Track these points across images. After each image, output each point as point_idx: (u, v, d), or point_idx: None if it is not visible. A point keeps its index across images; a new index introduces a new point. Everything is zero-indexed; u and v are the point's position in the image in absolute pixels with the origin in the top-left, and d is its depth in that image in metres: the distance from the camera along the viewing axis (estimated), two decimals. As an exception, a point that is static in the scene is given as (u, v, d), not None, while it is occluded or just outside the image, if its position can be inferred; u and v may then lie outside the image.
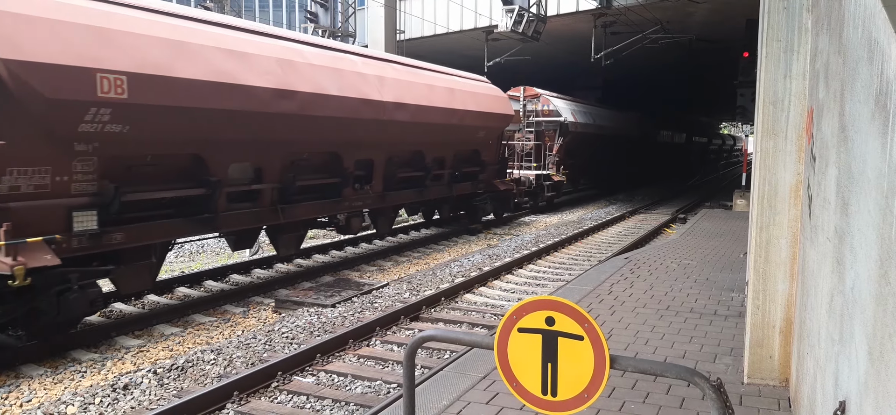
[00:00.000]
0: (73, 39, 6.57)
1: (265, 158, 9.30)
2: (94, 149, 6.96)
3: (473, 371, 5.07)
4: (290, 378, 6.18)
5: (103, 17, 7.01)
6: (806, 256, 3.69)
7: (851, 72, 2.37)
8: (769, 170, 4.43)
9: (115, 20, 7.11)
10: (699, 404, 4.40)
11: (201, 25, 8.34)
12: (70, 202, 6.81)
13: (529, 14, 17.39)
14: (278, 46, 9.46)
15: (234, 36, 8.77)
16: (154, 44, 7.42)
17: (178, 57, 7.62)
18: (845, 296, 2.28)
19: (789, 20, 4.29)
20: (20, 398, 5.86)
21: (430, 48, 24.37)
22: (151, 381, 6.08)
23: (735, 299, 7.31)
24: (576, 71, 29.31)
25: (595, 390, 2.40)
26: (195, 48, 7.92)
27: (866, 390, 1.87)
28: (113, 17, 7.12)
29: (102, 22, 6.95)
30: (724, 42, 22.11)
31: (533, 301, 2.48)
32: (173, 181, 8.19)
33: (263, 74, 8.80)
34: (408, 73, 12.65)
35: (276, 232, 10.29)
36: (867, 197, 1.98)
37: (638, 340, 5.86)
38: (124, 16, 7.28)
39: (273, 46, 9.32)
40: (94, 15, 6.92)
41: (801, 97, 4.29)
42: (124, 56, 7.00)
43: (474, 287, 9.88)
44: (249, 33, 9.16)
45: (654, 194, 27.56)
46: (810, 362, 3.21)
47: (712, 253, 10.43)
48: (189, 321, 8.26)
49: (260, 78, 8.72)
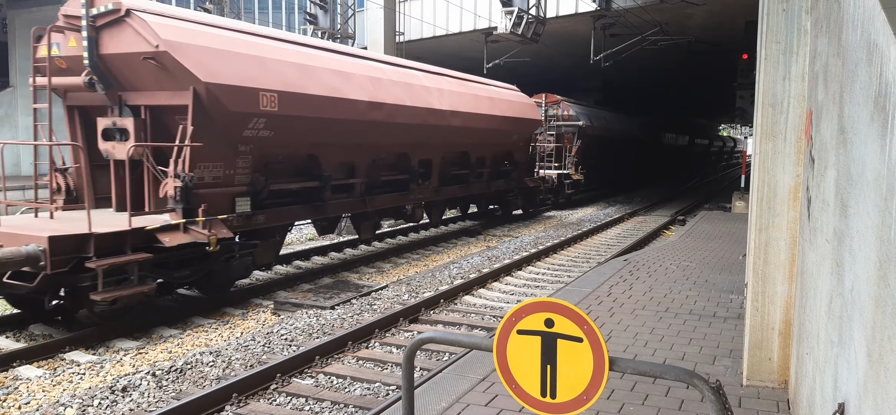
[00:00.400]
0: (245, 66, 8.79)
1: (357, 157, 11.53)
2: (249, 149, 9.11)
3: (472, 373, 5.07)
4: (289, 380, 6.17)
5: (261, 48, 9.31)
6: (805, 258, 3.69)
7: (850, 74, 2.37)
8: (768, 172, 4.43)
9: (267, 50, 9.36)
10: (698, 406, 4.39)
11: (317, 51, 10.63)
12: (234, 190, 8.95)
13: (529, 16, 17.40)
14: (368, 66, 11.69)
15: (339, 59, 11.01)
16: (291, 67, 9.62)
17: (306, 77, 9.81)
18: (844, 298, 2.28)
19: (788, 22, 4.29)
20: (18, 400, 5.85)
21: (430, 50, 24.37)
22: (150, 383, 6.07)
23: (734, 301, 7.31)
24: (575, 72, 29.33)
25: (594, 391, 2.40)
26: (316, 70, 10.12)
27: (865, 392, 1.87)
28: (265, 48, 9.40)
29: (261, 52, 9.23)
30: (723, 44, 22.13)
31: (532, 303, 2.48)
32: (295, 176, 10.41)
33: (360, 89, 10.94)
34: (458, 84, 14.82)
35: (359, 219, 12.42)
36: (866, 199, 1.98)
37: (637, 341, 5.86)
38: (273, 47, 9.60)
39: (364, 66, 11.55)
40: (255, 47, 9.21)
41: (801, 99, 4.29)
42: (275, 78, 9.20)
43: (473, 289, 9.87)
44: (348, 56, 11.43)
45: (653, 196, 27.57)
46: (809, 363, 3.21)
47: (711, 255, 10.43)
48: (188, 323, 8.25)
49: (358, 92, 10.85)
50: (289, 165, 10.19)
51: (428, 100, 12.97)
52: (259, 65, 9.03)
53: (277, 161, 9.89)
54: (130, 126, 8.28)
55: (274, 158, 9.74)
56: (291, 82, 9.44)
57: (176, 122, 8.38)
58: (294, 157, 10.19)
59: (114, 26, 8.10)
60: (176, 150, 8.11)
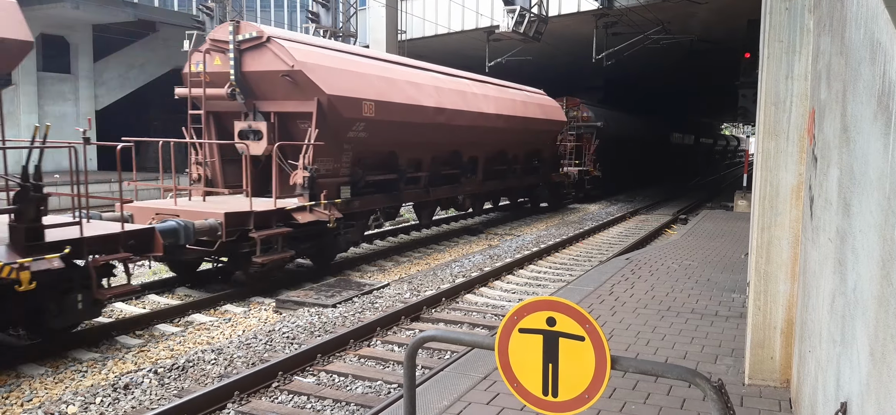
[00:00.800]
0: (352, 80, 10.90)
1: (423, 154, 13.70)
2: (350, 148, 11.19)
3: (474, 372, 5.07)
4: (291, 378, 6.18)
5: (359, 65, 11.50)
6: (807, 257, 3.68)
7: (853, 73, 2.36)
8: (771, 171, 4.42)
9: (363, 66, 11.59)
10: (700, 405, 4.39)
11: (396, 66, 12.90)
12: (339, 180, 10.99)
13: (531, 14, 17.38)
14: (431, 76, 13.88)
15: (411, 71, 13.25)
16: (381, 80, 11.76)
17: (391, 88, 11.93)
18: (847, 297, 2.27)
19: (791, 21, 4.28)
20: (21, 398, 5.86)
21: (432, 48, 24.36)
22: (152, 380, 6.08)
23: (736, 300, 7.31)
24: (577, 71, 29.29)
25: (596, 390, 2.40)
26: (397, 82, 12.28)
27: (868, 392, 1.87)
28: (362, 64, 11.66)
29: (360, 68, 11.36)
30: (726, 43, 22.09)
31: (534, 302, 2.48)
32: (379, 170, 12.52)
33: (428, 97, 13.03)
34: (497, 90, 16.83)
35: (421, 207, 15.25)
36: (869, 198, 1.97)
37: (639, 340, 5.86)
38: (368, 63, 11.89)
39: (429, 76, 13.76)
40: (356, 64, 11.44)
41: (803, 98, 4.28)
42: (372, 89, 11.29)
43: (475, 287, 9.87)
44: (417, 69, 13.67)
45: (656, 195, 27.56)
46: (812, 363, 3.20)
47: (713, 254, 10.42)
48: (190, 321, 8.26)
49: (427, 99, 12.95)
50: (375, 161, 12.38)
51: (477, 105, 15.03)
52: (361, 79, 11.21)
53: (368, 157, 12.06)
54: (263, 128, 10.38)
55: (366, 155, 11.89)
56: (382, 92, 11.58)
57: (297, 125, 10.55)
58: (379, 154, 12.36)
59: (255, 49, 10.25)
60: (304, 147, 10.24)
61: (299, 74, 9.94)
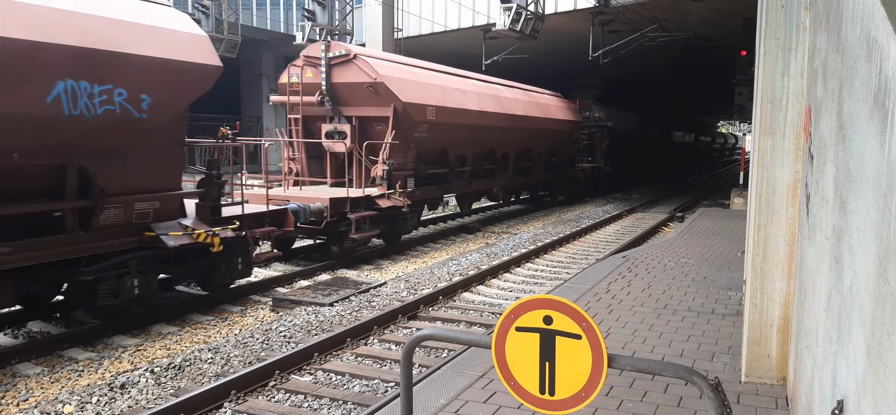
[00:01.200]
0: (419, 89, 13.17)
1: (467, 151, 15.87)
2: (415, 146, 13.38)
3: (471, 370, 5.07)
4: (288, 377, 6.17)
5: (421, 75, 13.83)
6: (804, 255, 3.69)
7: (850, 70, 2.36)
8: (767, 168, 4.43)
9: (425, 76, 13.93)
10: (697, 403, 4.40)
11: (446, 75, 15.15)
12: (406, 173, 13.12)
13: (527, 12, 17.36)
14: (473, 83, 16.07)
15: (457, 79, 15.38)
16: (437, 88, 13.99)
17: (445, 94, 14.15)
18: (843, 295, 2.28)
19: (787, 18, 4.28)
20: (17, 398, 5.84)
21: (428, 46, 24.33)
22: (149, 380, 6.07)
23: (733, 298, 7.32)
24: (574, 69, 29.29)
25: (593, 389, 2.40)
26: (450, 89, 14.51)
27: (864, 389, 1.87)
28: (423, 75, 13.96)
29: (422, 79, 13.68)
30: (722, 40, 22.10)
31: (531, 300, 2.48)
32: (434, 164, 14.55)
33: (472, 101, 15.21)
34: (523, 94, 19.00)
35: (463, 197, 17.11)
36: (865, 196, 1.97)
37: (636, 338, 5.86)
38: (427, 74, 14.23)
39: (472, 84, 15.97)
40: (419, 75, 13.73)
41: (799, 96, 4.29)
42: (432, 96, 13.58)
43: (472, 286, 9.87)
44: (462, 77, 15.91)
45: (652, 193, 27.59)
46: (808, 360, 3.21)
47: (710, 252, 10.43)
48: (187, 320, 8.24)
49: (472, 104, 15.14)
50: (431, 157, 14.45)
51: (509, 107, 17.17)
52: (424, 87, 13.44)
53: (427, 154, 14.18)
54: (347, 130, 12.61)
55: (426, 152, 14.05)
56: (439, 98, 13.77)
57: (374, 127, 12.80)
58: (435, 151, 14.47)
59: (343, 64, 12.50)
60: (383, 146, 12.44)
61: (381, 85, 12.21)
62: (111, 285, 7.28)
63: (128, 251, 7.40)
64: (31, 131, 6.14)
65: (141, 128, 7.13)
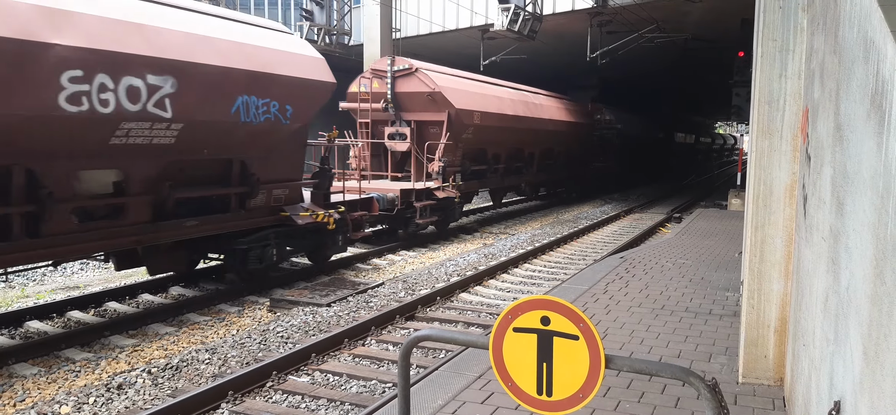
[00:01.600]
0: (468, 97, 15.33)
1: (502, 150, 18.04)
2: (461, 146, 15.51)
3: (469, 371, 5.07)
4: (285, 378, 6.16)
5: (467, 84, 15.93)
6: (801, 256, 3.69)
7: (847, 71, 2.37)
8: (764, 169, 4.43)
9: (470, 85, 15.97)
10: (694, 404, 4.40)
11: (487, 84, 17.15)
12: (455, 169, 15.22)
13: (525, 13, 17.37)
14: (507, 91, 18.21)
15: (496, 87, 17.53)
16: (481, 96, 16.05)
17: (487, 100, 16.22)
18: (840, 296, 2.28)
19: (785, 20, 4.29)
20: (13, 398, 5.83)
21: (427, 47, 24.32)
22: (146, 380, 6.06)
23: (730, 299, 7.33)
24: (572, 70, 29.31)
25: (590, 389, 2.40)
26: (489, 96, 16.56)
27: (861, 390, 1.87)
28: (469, 84, 16.01)
29: (468, 88, 15.72)
30: (720, 41, 22.11)
31: (528, 301, 2.48)
32: (476, 162, 16.68)
33: (507, 106, 17.38)
34: (545, 99, 21.06)
35: (495, 192, 19.57)
36: (862, 197, 1.98)
37: (633, 339, 5.87)
38: (473, 83, 16.30)
39: (507, 91, 18.18)
40: (466, 84, 15.85)
41: (797, 97, 4.29)
42: (478, 103, 15.63)
43: (470, 286, 9.87)
44: (498, 86, 17.90)
45: (650, 193, 27.63)
46: (805, 361, 3.21)
47: (707, 252, 10.45)
48: (184, 321, 8.23)
49: (508, 109, 17.34)
50: (474, 156, 16.53)
51: (536, 111, 19.24)
52: (471, 95, 15.53)
53: (471, 153, 16.29)
54: (407, 132, 14.95)
55: (470, 151, 16.18)
56: (483, 104, 15.85)
57: (429, 130, 14.97)
58: (477, 150, 16.59)
59: (406, 76, 14.72)
60: (440, 146, 14.67)
61: (438, 95, 14.42)
62: (258, 253, 9.32)
63: (267, 228, 9.51)
64: (219, 134, 8.17)
65: (284, 132, 9.25)
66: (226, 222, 8.74)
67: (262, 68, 8.46)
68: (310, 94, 9.41)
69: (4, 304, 9.14)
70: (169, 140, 7.53)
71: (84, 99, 6.39)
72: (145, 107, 7.00)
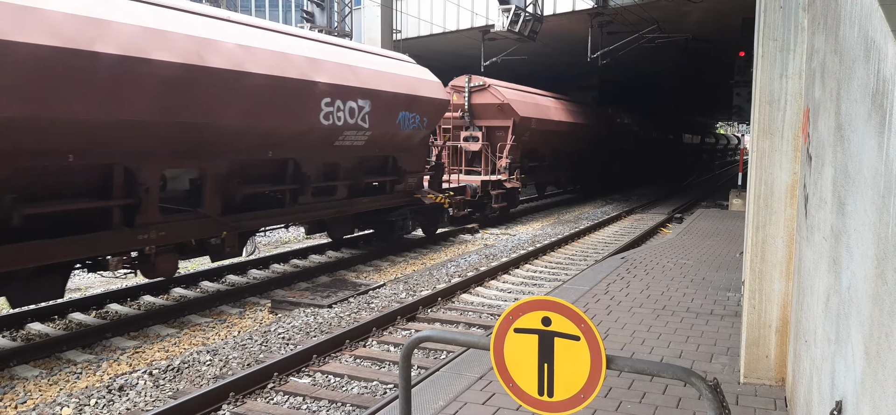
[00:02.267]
0: (528, 106, 18.60)
1: (547, 151, 21.36)
2: (520, 146, 18.50)
3: (470, 372, 5.07)
4: (287, 379, 6.16)
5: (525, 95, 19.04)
6: (802, 256, 3.69)
7: (848, 71, 2.37)
8: (765, 169, 4.43)
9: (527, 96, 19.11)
10: (696, 404, 4.40)
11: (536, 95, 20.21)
12: (516, 165, 18.15)
13: (526, 14, 17.38)
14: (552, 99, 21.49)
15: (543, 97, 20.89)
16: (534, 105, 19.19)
17: (538, 109, 19.35)
18: (841, 295, 2.27)
19: (785, 19, 4.29)
20: (15, 400, 5.83)
21: (427, 48, 24.33)
22: (147, 382, 6.06)
23: (731, 299, 7.32)
24: (572, 70, 29.33)
25: (591, 390, 2.40)
26: (540, 104, 19.78)
27: (863, 390, 1.87)
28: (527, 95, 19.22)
29: (527, 99, 18.83)
30: (721, 41, 22.12)
31: (529, 301, 2.47)
32: (530, 160, 19.75)
33: (553, 113, 20.52)
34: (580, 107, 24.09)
35: (540, 185, 23.46)
36: (864, 196, 1.97)
37: (634, 340, 5.86)
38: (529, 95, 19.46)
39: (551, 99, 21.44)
40: (525, 96, 19.01)
41: (798, 96, 4.29)
42: (534, 111, 18.88)
43: (471, 287, 9.87)
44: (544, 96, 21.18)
45: (651, 194, 27.61)
46: (806, 361, 3.21)
47: (708, 253, 10.44)
48: (185, 322, 8.23)
49: (553, 115, 20.48)
50: (528, 154, 19.61)
51: (573, 117, 22.27)
52: (529, 105, 18.79)
53: (527, 153, 19.42)
54: (480, 136, 18.16)
55: (526, 151, 19.33)
56: (536, 112, 19.09)
57: (496, 134, 18.23)
58: (530, 150, 19.72)
59: (480, 91, 17.96)
60: (507, 146, 17.81)
61: (506, 106, 17.65)
62: (401, 224, 13.10)
63: (405, 206, 13.09)
64: (388, 139, 11.69)
65: (419, 136, 12.74)
66: (384, 201, 12.37)
67: (412, 91, 11.93)
68: (435, 109, 12.96)
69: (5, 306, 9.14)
70: (361, 143, 10.98)
71: (331, 116, 9.83)
72: (357, 121, 10.47)
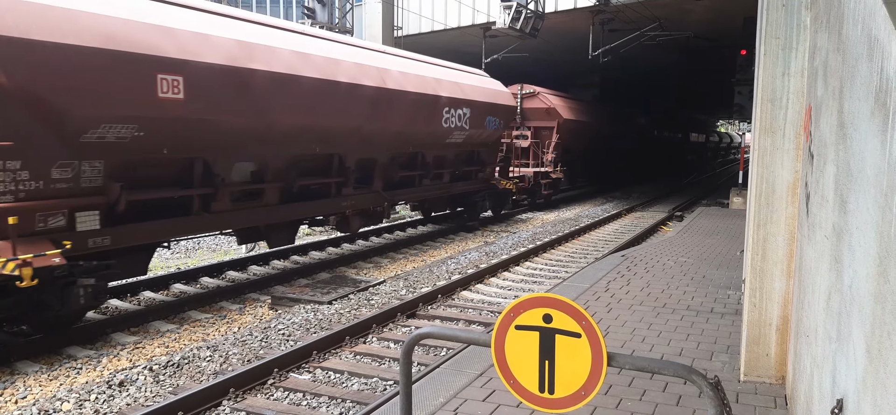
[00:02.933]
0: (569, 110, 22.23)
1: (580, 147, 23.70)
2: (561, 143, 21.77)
3: (470, 369, 5.07)
4: (287, 375, 6.16)
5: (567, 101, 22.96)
6: (803, 254, 3.69)
7: (851, 69, 2.36)
8: (767, 167, 4.42)
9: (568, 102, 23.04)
10: (696, 402, 4.40)
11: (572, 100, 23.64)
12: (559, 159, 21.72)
13: (527, 11, 17.36)
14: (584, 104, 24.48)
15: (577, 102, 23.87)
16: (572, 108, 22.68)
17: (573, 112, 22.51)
18: (843, 294, 2.27)
19: (788, 18, 4.28)
20: (15, 395, 5.83)
21: (428, 45, 24.31)
22: (147, 378, 6.06)
23: (732, 297, 7.32)
24: (573, 68, 29.30)
25: (592, 387, 2.40)
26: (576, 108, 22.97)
27: (864, 388, 1.86)
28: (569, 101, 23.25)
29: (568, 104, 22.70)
30: (722, 40, 22.10)
31: (530, 298, 2.47)
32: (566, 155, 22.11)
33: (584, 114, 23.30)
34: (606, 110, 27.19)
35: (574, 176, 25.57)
36: (866, 195, 1.97)
37: (635, 337, 5.86)
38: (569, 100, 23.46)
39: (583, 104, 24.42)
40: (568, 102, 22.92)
41: (800, 95, 4.28)
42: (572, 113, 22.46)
43: (471, 284, 9.87)
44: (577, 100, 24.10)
45: (651, 192, 27.61)
46: (807, 359, 3.21)
47: (709, 251, 10.44)
48: (185, 318, 8.24)
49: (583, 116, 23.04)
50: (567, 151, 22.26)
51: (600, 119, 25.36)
52: (569, 108, 21.91)
53: (565, 148, 21.97)
54: (528, 135, 21.30)
55: (566, 147, 21.99)
56: (576, 115, 22.34)
57: (543, 133, 21.43)
58: (567, 147, 22.20)
59: (530, 97, 21.43)
60: (552, 143, 20.91)
61: (552, 110, 21.08)
62: (481, 205, 16.85)
63: (483, 191, 16.50)
64: (478, 136, 15.03)
65: (496, 135, 16.07)
66: (471, 185, 15.69)
67: (493, 100, 15.39)
68: (508, 112, 16.56)
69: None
70: (461, 140, 14.36)
71: (449, 121, 13.43)
72: (461, 123, 14.00)
